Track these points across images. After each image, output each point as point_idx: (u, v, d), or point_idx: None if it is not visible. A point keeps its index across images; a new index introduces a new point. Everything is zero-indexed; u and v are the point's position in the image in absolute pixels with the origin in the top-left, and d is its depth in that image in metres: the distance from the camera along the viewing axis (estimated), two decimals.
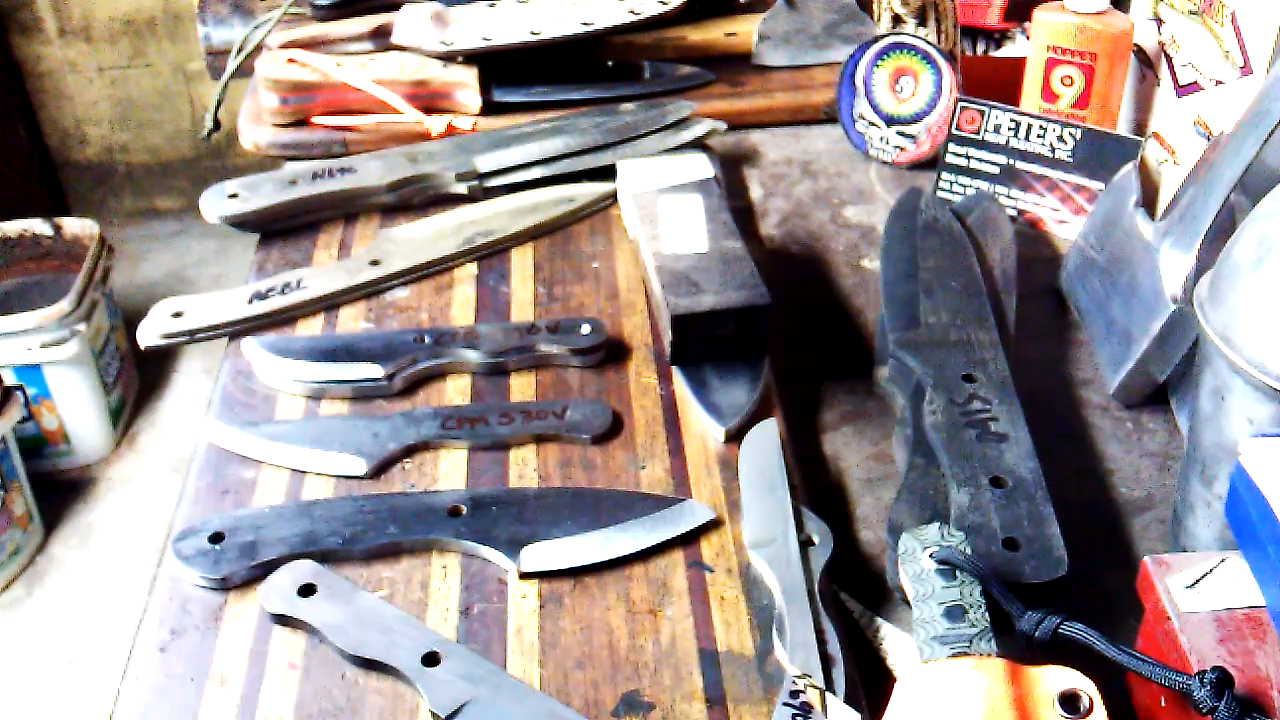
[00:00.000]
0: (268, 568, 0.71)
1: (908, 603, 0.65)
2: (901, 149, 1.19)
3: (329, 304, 0.95)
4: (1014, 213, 1.09)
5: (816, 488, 0.81)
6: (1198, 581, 0.62)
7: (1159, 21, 1.06)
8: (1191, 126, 1.02)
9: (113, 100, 2.90)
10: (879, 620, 0.71)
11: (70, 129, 2.93)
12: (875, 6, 1.25)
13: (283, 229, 1.05)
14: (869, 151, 1.21)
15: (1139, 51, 1.11)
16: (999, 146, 1.08)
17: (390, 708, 0.64)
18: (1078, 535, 0.72)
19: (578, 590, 0.71)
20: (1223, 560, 0.63)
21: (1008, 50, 1.38)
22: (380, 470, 0.79)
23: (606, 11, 1.27)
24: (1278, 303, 0.63)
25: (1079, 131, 1.04)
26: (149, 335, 0.91)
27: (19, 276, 2.35)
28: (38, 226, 2.33)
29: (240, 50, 1.35)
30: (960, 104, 1.08)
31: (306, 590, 0.69)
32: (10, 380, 2.06)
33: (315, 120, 1.20)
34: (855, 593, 0.73)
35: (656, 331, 0.92)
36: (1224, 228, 0.80)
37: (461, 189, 1.08)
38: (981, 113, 1.08)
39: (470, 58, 1.23)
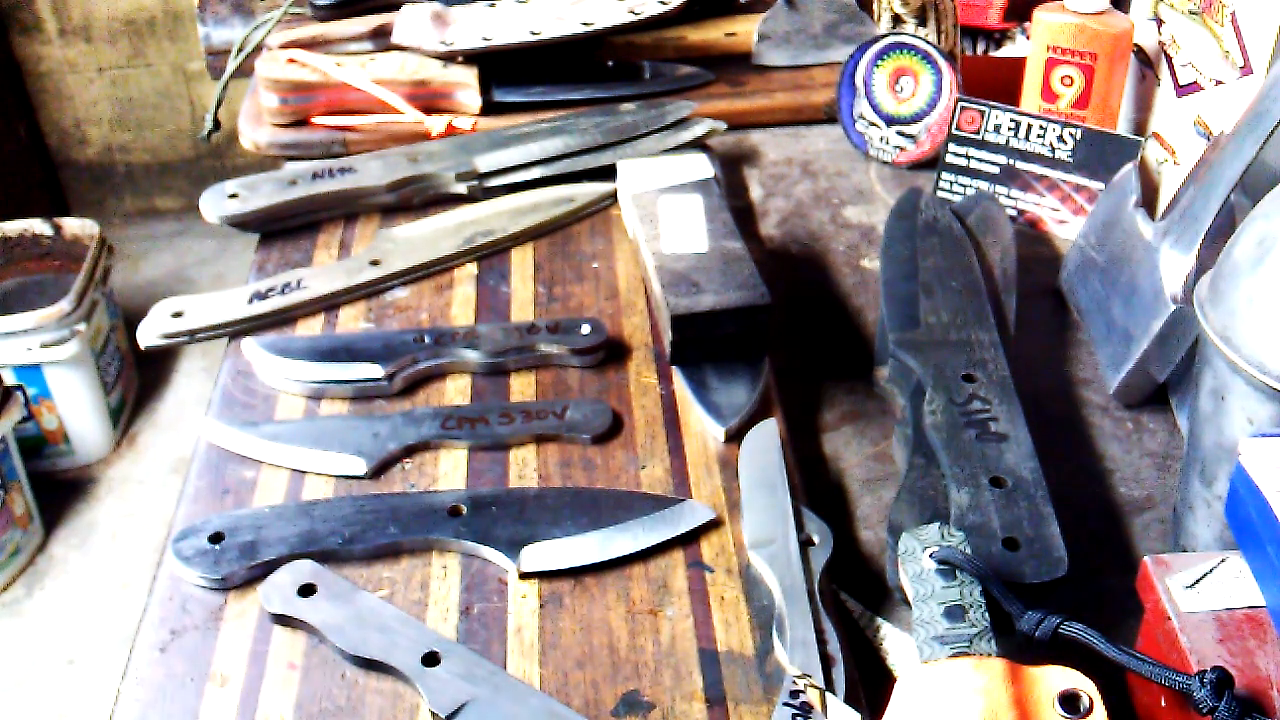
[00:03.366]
0: (268, 568, 0.71)
1: (908, 603, 0.65)
2: (901, 149, 1.19)
3: (329, 304, 0.95)
4: (1014, 213, 1.09)
5: (816, 488, 0.81)
6: (1198, 581, 0.62)
7: (1159, 21, 1.06)
8: (1191, 126, 1.02)
9: (113, 100, 2.90)
10: (879, 620, 0.71)
11: (70, 129, 2.93)
12: (875, 6, 1.25)
13: (283, 229, 1.05)
14: (869, 151, 1.21)
15: (1139, 51, 1.11)
16: (999, 146, 1.08)
17: (390, 708, 0.64)
18: (1078, 535, 0.72)
19: (578, 590, 0.71)
20: (1223, 560, 0.63)
21: (1008, 50, 1.38)
22: (380, 470, 0.79)
23: (606, 11, 1.27)
24: (1278, 303, 0.63)
25: (1079, 131, 1.04)
26: (149, 335, 0.91)
27: (19, 276, 2.35)
28: (38, 226, 2.33)
29: (240, 50, 1.35)
30: (960, 104, 1.08)
31: (306, 590, 0.69)
32: (10, 380, 2.06)
33: (315, 120, 1.20)
34: (855, 593, 0.73)
35: (656, 331, 0.92)
36: (1224, 228, 0.80)
37: (461, 189, 1.08)
38: (981, 113, 1.08)
39: (470, 58, 1.23)
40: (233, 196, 1.03)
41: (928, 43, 1.15)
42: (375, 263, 0.98)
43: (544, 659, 0.67)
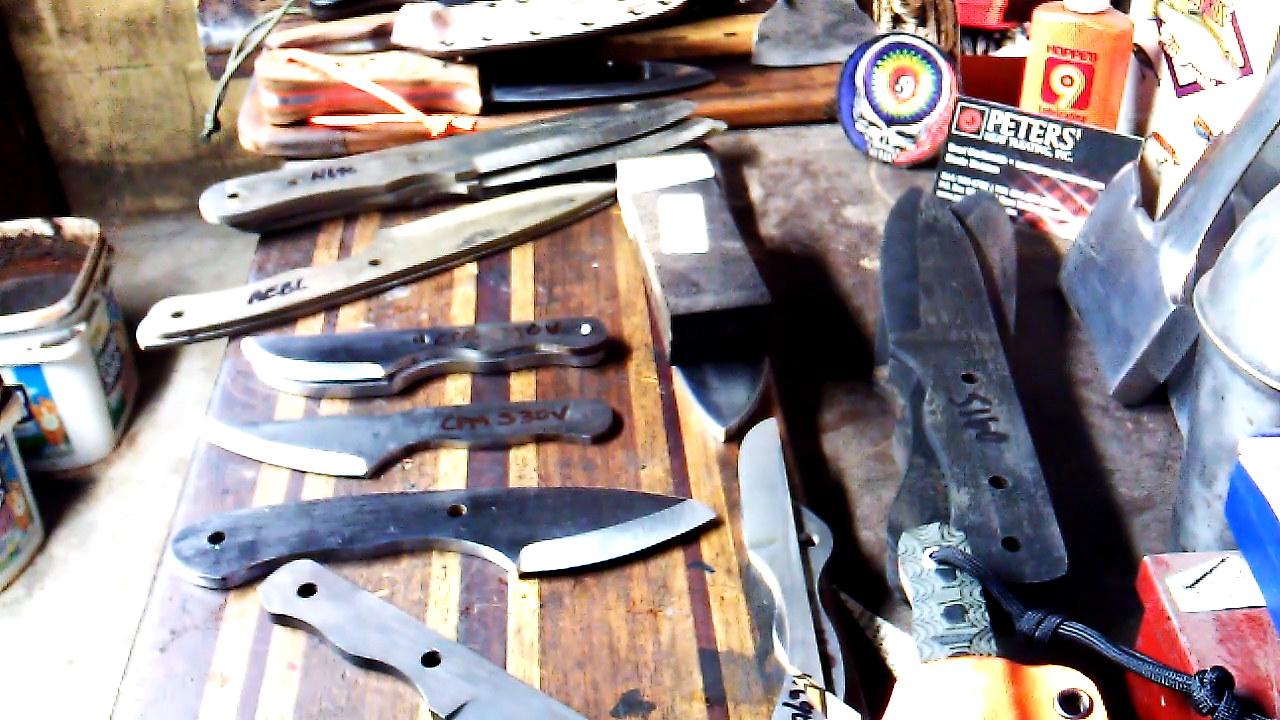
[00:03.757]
0: (268, 568, 0.71)
1: (908, 603, 0.65)
2: (901, 149, 1.19)
3: (329, 304, 0.95)
4: (1014, 213, 1.09)
5: (816, 488, 0.81)
6: (1198, 581, 0.62)
7: (1159, 21, 1.06)
8: (1191, 126, 1.02)
9: (113, 100, 2.90)
10: (879, 620, 0.71)
11: (70, 129, 2.93)
12: (875, 6, 1.25)
13: (283, 229, 1.05)
14: (869, 151, 1.21)
15: (1139, 51, 1.11)
16: (999, 146, 1.08)
17: (390, 708, 0.64)
18: (1078, 535, 0.72)
19: (578, 590, 0.71)
20: (1223, 560, 0.63)
21: (1008, 50, 1.38)
22: (380, 470, 0.79)
23: (606, 11, 1.27)
24: (1278, 303, 0.63)
25: (1079, 131, 1.04)
26: (149, 335, 0.91)
27: (19, 276, 2.35)
28: (38, 226, 2.33)
29: (240, 50, 1.35)
30: (960, 104, 1.08)
31: (306, 590, 0.69)
32: (10, 380, 2.06)
33: (315, 120, 1.20)
34: (855, 593, 0.73)
35: (656, 331, 0.92)
36: (1224, 228, 0.80)
37: (461, 189, 1.08)
38: (981, 113, 1.08)
39: (470, 58, 1.23)
40: (233, 196, 1.03)
41: (928, 43, 1.15)
42: (375, 263, 0.98)
43: (544, 659, 0.67)
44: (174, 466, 2.27)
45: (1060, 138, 1.05)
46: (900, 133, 1.18)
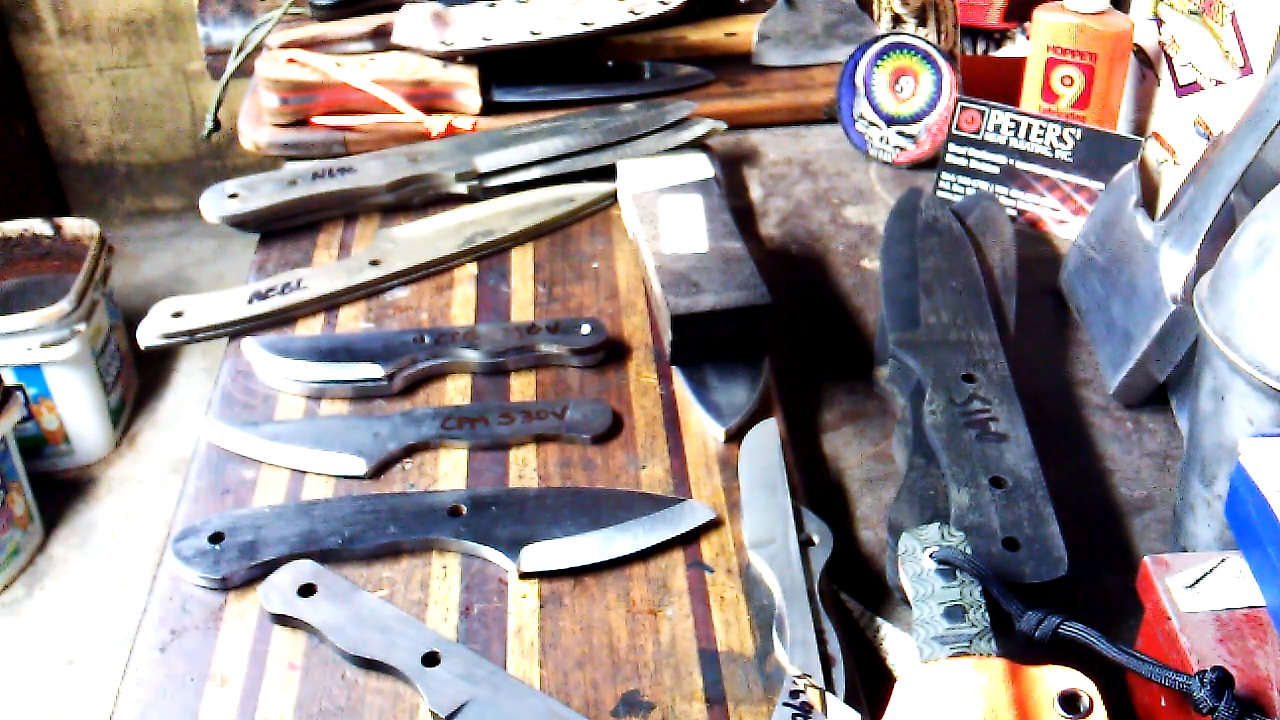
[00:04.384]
0: (268, 568, 0.71)
1: (908, 603, 0.65)
2: (901, 149, 1.19)
3: (329, 304, 0.95)
4: (1014, 213, 1.09)
5: (816, 488, 0.81)
6: (1198, 581, 0.62)
7: (1159, 21, 1.06)
8: (1191, 126, 1.02)
9: (113, 100, 2.90)
10: (879, 620, 0.71)
11: (70, 129, 2.93)
12: (875, 6, 1.25)
13: (283, 229, 1.05)
14: (869, 151, 1.21)
15: (1139, 51, 1.11)
16: (999, 146, 1.08)
17: (390, 708, 0.64)
18: (1078, 535, 0.72)
19: (578, 590, 0.71)
20: (1223, 560, 0.63)
21: (1008, 50, 1.38)
22: (380, 470, 0.79)
23: (606, 11, 1.27)
24: (1278, 303, 0.63)
25: (1079, 131, 1.04)
26: (149, 335, 0.91)
27: (19, 276, 2.35)
28: (38, 226, 2.33)
29: (240, 50, 1.35)
30: (960, 104, 1.08)
31: (306, 590, 0.69)
32: (10, 380, 2.07)
33: (315, 120, 1.20)
34: (855, 593, 0.73)
35: (656, 331, 0.92)
36: (1224, 228, 0.80)
37: (461, 189, 1.08)
38: (981, 113, 1.08)
39: (470, 58, 1.23)
40: (233, 196, 1.03)
41: (928, 43, 1.15)
42: (375, 263, 0.98)
43: (544, 659, 0.67)
44: (174, 466, 2.27)
45: (1060, 138, 1.05)
46: (900, 133, 1.18)
